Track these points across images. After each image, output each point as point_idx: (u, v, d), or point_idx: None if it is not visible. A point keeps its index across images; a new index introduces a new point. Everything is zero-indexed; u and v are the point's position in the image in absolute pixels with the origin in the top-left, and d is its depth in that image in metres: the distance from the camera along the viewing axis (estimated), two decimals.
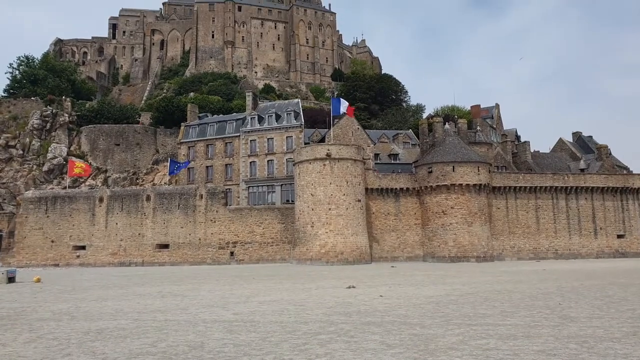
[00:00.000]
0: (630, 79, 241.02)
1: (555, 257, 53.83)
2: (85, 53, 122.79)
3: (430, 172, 51.88)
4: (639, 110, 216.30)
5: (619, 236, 56.46)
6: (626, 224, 56.85)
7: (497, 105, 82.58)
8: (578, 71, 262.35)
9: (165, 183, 66.33)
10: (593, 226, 55.93)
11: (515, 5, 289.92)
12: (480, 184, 51.27)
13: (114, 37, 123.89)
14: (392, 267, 43.73)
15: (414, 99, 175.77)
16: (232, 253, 52.43)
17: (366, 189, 51.91)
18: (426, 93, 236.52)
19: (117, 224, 53.91)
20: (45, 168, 68.11)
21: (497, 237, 53.17)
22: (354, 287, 25.37)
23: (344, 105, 54.03)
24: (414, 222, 53.40)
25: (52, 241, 53.95)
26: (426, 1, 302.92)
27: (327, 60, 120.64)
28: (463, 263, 48.08)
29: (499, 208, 54.10)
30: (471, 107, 77.69)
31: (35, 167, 68.71)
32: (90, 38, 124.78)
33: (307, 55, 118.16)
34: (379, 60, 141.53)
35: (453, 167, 51.01)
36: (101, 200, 54.43)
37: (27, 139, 70.27)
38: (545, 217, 54.94)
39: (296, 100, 71.66)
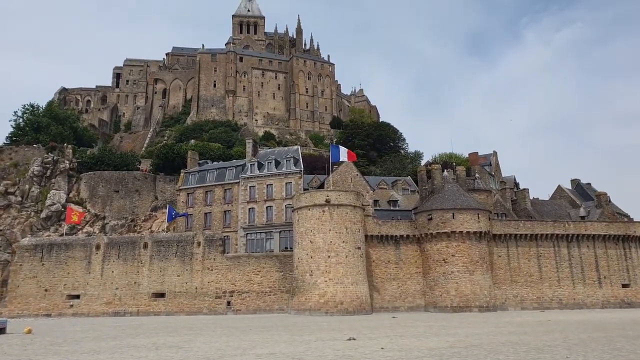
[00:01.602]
0: (623, 129, 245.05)
1: (560, 307, 52.58)
2: (88, 101, 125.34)
3: (430, 219, 51.57)
4: (633, 159, 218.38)
5: (624, 285, 55.39)
6: (630, 272, 55.95)
7: (495, 153, 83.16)
8: (573, 120, 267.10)
9: (163, 230, 65.84)
10: (597, 275, 54.95)
11: (507, 56, 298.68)
12: (481, 232, 50.86)
13: (117, 86, 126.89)
14: (393, 317, 42.67)
15: (411, 146, 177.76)
16: (229, 303, 51.25)
17: (366, 236, 51.34)
18: (424, 141, 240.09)
19: (113, 272, 52.97)
20: (43, 215, 67.75)
21: (499, 286, 52.17)
22: (354, 339, 24.60)
23: (343, 152, 54.36)
24: (414, 270, 52.53)
25: (46, 290, 52.82)
26: (422, 51, 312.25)
27: (326, 109, 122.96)
28: (465, 313, 46.97)
29: (500, 256, 53.39)
30: (469, 154, 78.24)
31: (33, 213, 68.36)
32: (94, 87, 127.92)
33: (307, 104, 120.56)
34: (376, 108, 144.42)
35: (453, 214, 50.76)
36: (98, 247, 53.77)
37: (27, 186, 70.30)
38: (547, 265, 54.11)
39: (296, 147, 72.34)
